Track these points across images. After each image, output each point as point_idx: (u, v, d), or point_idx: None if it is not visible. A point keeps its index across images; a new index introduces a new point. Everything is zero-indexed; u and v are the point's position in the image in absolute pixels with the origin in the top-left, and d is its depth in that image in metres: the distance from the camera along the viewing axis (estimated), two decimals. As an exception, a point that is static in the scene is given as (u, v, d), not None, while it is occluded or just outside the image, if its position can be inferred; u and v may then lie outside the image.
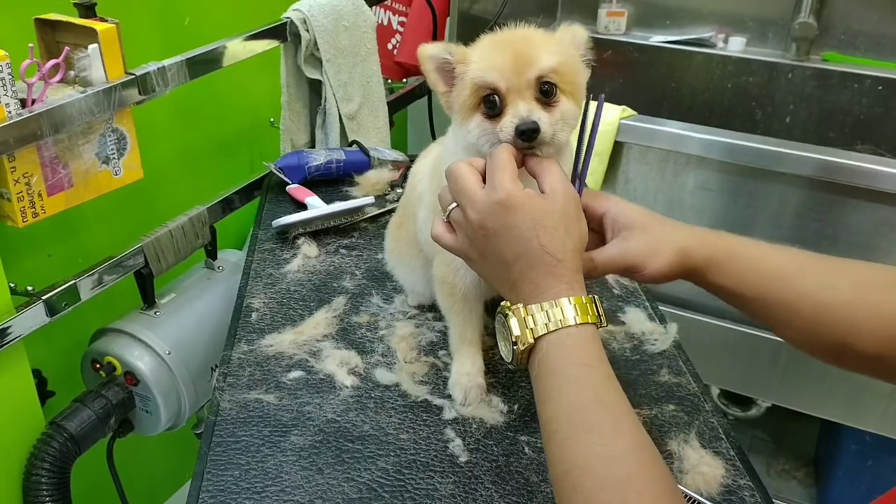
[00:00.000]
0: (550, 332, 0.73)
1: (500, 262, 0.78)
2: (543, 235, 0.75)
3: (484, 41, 0.86)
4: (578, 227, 0.79)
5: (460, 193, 0.80)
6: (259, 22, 1.53)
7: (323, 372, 1.03)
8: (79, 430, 1.24)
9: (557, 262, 0.75)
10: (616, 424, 0.69)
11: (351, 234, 1.38)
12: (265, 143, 1.87)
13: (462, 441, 0.92)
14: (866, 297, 0.80)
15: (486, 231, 0.77)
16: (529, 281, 0.76)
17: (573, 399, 0.70)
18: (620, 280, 1.26)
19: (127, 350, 1.32)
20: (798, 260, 0.84)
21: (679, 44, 2.41)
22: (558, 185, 0.79)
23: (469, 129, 0.85)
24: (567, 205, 0.78)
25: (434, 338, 1.11)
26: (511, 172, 0.78)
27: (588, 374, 0.71)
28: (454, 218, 0.82)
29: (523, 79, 0.81)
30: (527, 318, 0.74)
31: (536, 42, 0.84)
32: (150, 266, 1.33)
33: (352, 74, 1.68)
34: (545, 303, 0.74)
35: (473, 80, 0.83)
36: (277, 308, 1.17)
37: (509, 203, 0.76)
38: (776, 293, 0.83)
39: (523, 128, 0.80)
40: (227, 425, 0.94)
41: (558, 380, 0.72)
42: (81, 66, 1.17)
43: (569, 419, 0.69)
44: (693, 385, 1.03)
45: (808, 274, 0.83)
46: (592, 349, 0.73)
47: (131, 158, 1.26)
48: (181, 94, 1.37)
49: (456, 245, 0.83)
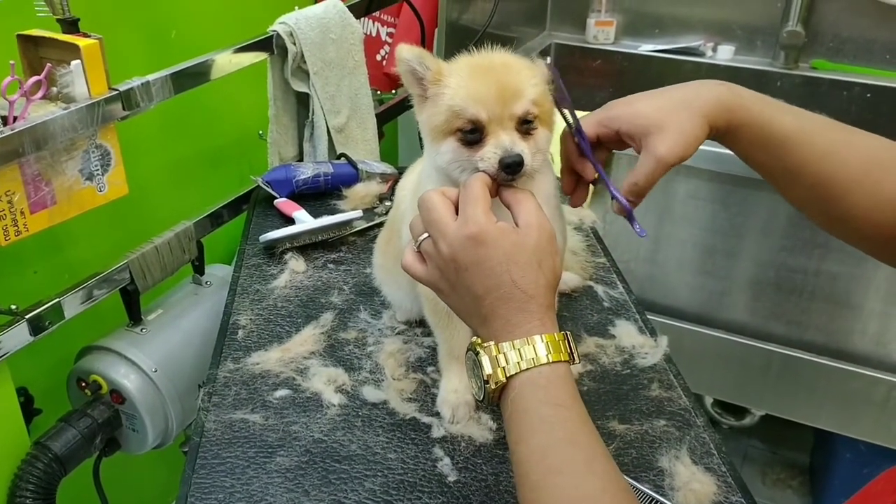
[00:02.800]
0: (522, 371, 0.72)
1: (471, 296, 0.76)
2: (515, 271, 0.74)
3: (462, 65, 0.84)
4: (552, 262, 0.77)
5: (432, 225, 0.78)
6: (247, 35, 1.52)
7: (310, 390, 1.02)
8: (64, 450, 1.23)
9: (529, 299, 0.74)
10: (589, 465, 0.68)
11: (339, 249, 1.37)
12: (254, 156, 1.86)
13: (451, 460, 0.91)
14: (871, 176, 0.80)
15: (457, 265, 0.76)
16: (500, 317, 0.74)
17: (546, 440, 0.69)
18: (610, 293, 1.25)
19: (112, 368, 1.30)
20: (808, 126, 0.84)
21: (668, 52, 2.41)
22: (533, 218, 0.77)
23: (441, 152, 0.84)
24: (541, 239, 0.76)
25: (422, 353, 1.10)
26: (484, 205, 0.77)
27: (561, 415, 0.70)
28: (425, 249, 0.80)
29: (507, 111, 0.80)
30: (498, 357, 0.73)
31: (518, 72, 0.83)
32: (135, 282, 1.32)
33: (339, 87, 1.67)
34: (517, 340, 0.72)
35: (452, 108, 0.81)
36: (264, 325, 1.16)
37: (481, 237, 0.74)
38: (779, 160, 0.84)
39: (508, 160, 0.79)
40: (212, 447, 0.92)
41: (531, 420, 0.70)
42: (64, 83, 1.16)
43: (541, 461, 0.68)
44: (684, 399, 1.02)
45: (817, 142, 0.83)
46: (565, 388, 0.72)
47: (116, 174, 1.24)
48: (169, 108, 1.36)
49: (426, 276, 0.81)
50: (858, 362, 1.80)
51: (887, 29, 2.15)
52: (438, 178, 0.88)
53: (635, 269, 1.96)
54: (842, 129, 0.84)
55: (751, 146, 0.86)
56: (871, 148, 0.83)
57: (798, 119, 0.84)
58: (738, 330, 1.91)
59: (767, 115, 0.84)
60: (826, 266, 1.76)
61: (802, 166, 0.83)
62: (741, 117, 0.84)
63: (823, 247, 1.75)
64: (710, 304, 1.94)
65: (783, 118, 0.84)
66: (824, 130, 0.84)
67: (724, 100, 0.84)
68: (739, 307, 1.91)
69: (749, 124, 0.84)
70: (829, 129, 0.84)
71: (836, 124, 0.84)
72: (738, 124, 0.84)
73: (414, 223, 0.82)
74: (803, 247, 1.77)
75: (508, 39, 2.43)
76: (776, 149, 0.84)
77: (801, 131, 0.83)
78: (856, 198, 0.81)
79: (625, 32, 2.50)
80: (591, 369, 1.07)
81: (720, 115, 0.84)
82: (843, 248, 1.74)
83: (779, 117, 0.84)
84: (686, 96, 0.85)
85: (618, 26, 2.49)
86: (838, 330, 1.81)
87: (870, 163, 0.81)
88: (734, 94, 0.85)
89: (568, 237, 1.32)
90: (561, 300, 1.20)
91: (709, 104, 0.84)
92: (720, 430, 2.36)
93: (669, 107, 0.85)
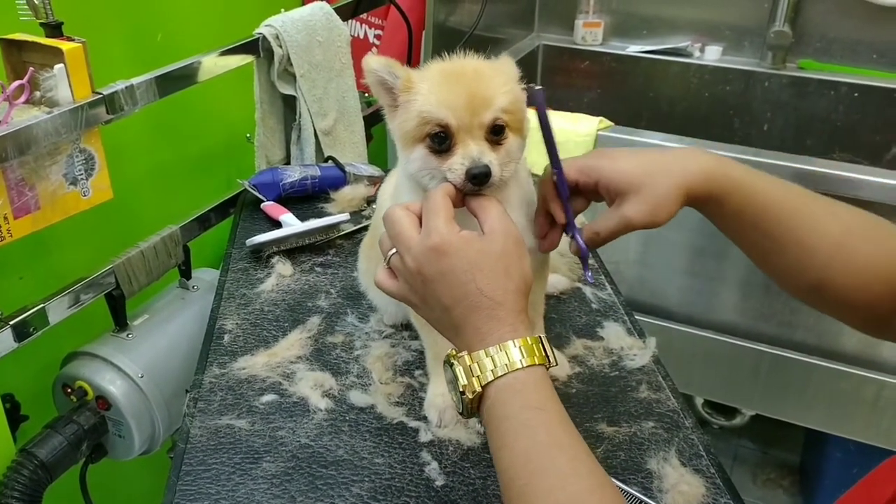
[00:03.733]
0: (498, 378, 0.71)
1: (441, 307, 0.76)
2: (481, 279, 0.74)
3: (433, 71, 0.84)
4: (520, 267, 0.77)
5: (397, 239, 0.79)
6: (233, 38, 1.51)
7: (296, 395, 1.01)
8: (50, 456, 1.21)
9: (497, 305, 0.74)
10: (574, 466, 0.68)
11: (326, 252, 1.36)
12: (241, 159, 1.85)
13: (438, 464, 0.91)
14: (847, 244, 0.81)
15: (423, 277, 0.76)
16: (471, 326, 0.74)
17: (528, 445, 0.69)
18: (599, 294, 1.25)
19: (98, 374, 1.29)
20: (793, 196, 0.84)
21: (656, 53, 2.42)
22: (498, 224, 0.77)
23: (411, 159, 0.84)
24: (507, 245, 0.76)
25: (410, 357, 1.09)
26: (446, 215, 0.76)
27: (542, 418, 0.70)
28: (394, 264, 0.80)
29: (476, 120, 0.80)
30: (472, 366, 0.72)
31: (489, 80, 0.82)
32: (121, 288, 1.31)
33: (326, 89, 1.66)
34: (490, 348, 0.72)
35: (422, 113, 0.81)
36: (251, 329, 1.15)
37: (443, 248, 0.74)
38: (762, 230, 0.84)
39: (475, 172, 0.79)
40: (197, 453, 0.91)
41: (512, 426, 0.70)
42: (47, 87, 1.15)
43: (525, 466, 0.68)
44: (672, 401, 1.02)
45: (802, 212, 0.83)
46: (543, 391, 0.72)
47: (100, 179, 1.23)
48: (155, 112, 1.35)
49: (398, 291, 0.82)
50: (848, 362, 1.80)
51: (874, 29, 2.16)
52: (411, 186, 0.88)
53: (624, 271, 1.96)
54: (825, 201, 0.85)
55: (734, 215, 0.85)
56: (851, 217, 0.84)
57: (783, 189, 0.84)
58: (727, 330, 1.91)
59: (751, 185, 0.84)
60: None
61: (786, 235, 0.83)
62: (724, 187, 0.83)
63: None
64: (699, 305, 1.94)
65: (768, 188, 0.84)
66: (809, 201, 0.84)
67: (707, 169, 0.84)
68: (729, 308, 1.91)
69: (732, 194, 0.84)
70: (812, 200, 0.84)
71: (818, 197, 0.85)
72: (721, 194, 0.84)
73: (382, 240, 0.83)
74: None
75: (496, 41, 2.43)
76: (760, 218, 0.83)
77: (786, 201, 0.84)
78: (833, 267, 0.81)
79: (613, 33, 2.51)
80: (580, 371, 1.07)
81: (701, 184, 0.83)
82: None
83: (763, 187, 0.84)
84: (670, 163, 0.85)
85: (605, 27, 2.49)
86: (828, 330, 1.82)
87: (847, 232, 0.82)
88: (720, 164, 0.85)
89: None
90: (549, 302, 1.20)
91: (691, 174, 0.83)
92: (711, 430, 2.36)
93: (651, 170, 0.84)
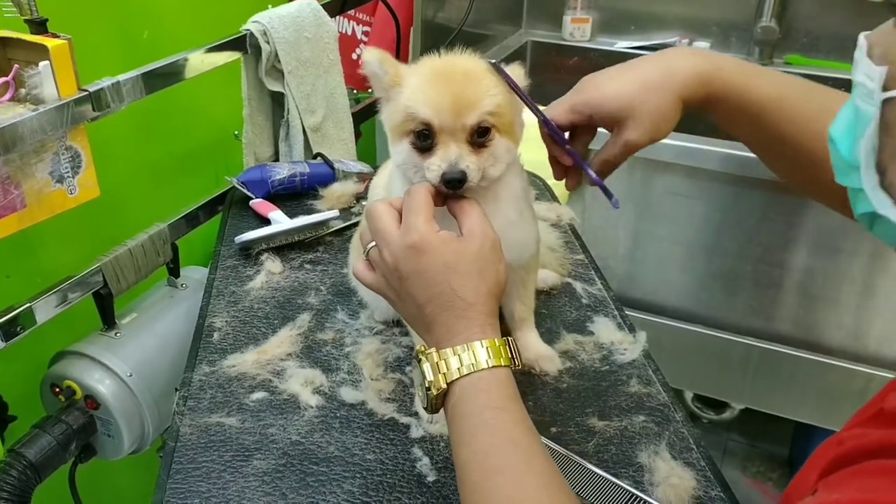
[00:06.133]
0: (463, 377, 0.72)
1: (414, 304, 0.77)
2: (455, 279, 0.75)
3: (424, 67, 0.84)
4: (495, 269, 0.77)
5: (377, 234, 0.80)
6: (221, 35, 1.50)
7: (287, 392, 1.01)
8: (38, 457, 1.20)
9: (469, 306, 0.75)
10: (528, 464, 0.69)
11: (316, 249, 1.36)
12: (229, 156, 1.84)
13: (430, 460, 0.90)
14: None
15: (399, 273, 0.77)
16: (441, 324, 0.75)
17: (486, 443, 0.70)
18: (589, 289, 1.25)
19: (86, 373, 1.28)
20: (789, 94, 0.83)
21: (644, 49, 2.42)
22: (477, 227, 0.78)
23: (397, 151, 0.85)
24: (483, 247, 0.77)
25: (401, 353, 1.09)
26: (426, 214, 0.77)
27: (501, 418, 0.71)
28: (373, 257, 0.81)
29: (459, 122, 0.80)
30: (439, 363, 0.73)
31: (478, 81, 0.82)
32: (109, 286, 1.30)
33: (315, 86, 1.66)
34: (458, 346, 0.73)
35: (407, 108, 0.81)
36: (240, 327, 1.14)
37: (421, 247, 0.75)
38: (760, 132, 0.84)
39: (449, 177, 0.79)
40: (188, 451, 0.91)
41: (472, 423, 0.71)
42: (32, 84, 1.13)
43: (482, 464, 0.69)
44: (663, 395, 1.02)
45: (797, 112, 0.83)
46: (505, 391, 0.73)
47: (87, 177, 1.22)
48: (142, 109, 1.34)
49: (375, 284, 0.83)
50: (835, 355, 1.81)
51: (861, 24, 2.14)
52: (398, 174, 0.89)
53: (614, 267, 1.97)
54: (821, 96, 0.83)
55: (731, 118, 0.86)
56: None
57: (778, 87, 0.83)
58: (717, 325, 1.92)
59: (745, 85, 0.83)
60: (802, 260, 1.77)
61: (783, 135, 0.83)
62: (718, 90, 0.83)
63: (799, 242, 1.76)
64: (688, 299, 1.94)
65: (763, 88, 0.83)
66: (806, 97, 0.83)
67: (700, 72, 0.83)
68: (718, 302, 1.92)
69: (728, 97, 0.83)
70: (806, 98, 0.83)
71: (813, 90, 0.83)
72: (716, 97, 0.84)
73: (363, 232, 0.84)
74: (780, 242, 1.78)
75: (484, 38, 2.43)
76: (756, 120, 0.83)
77: (781, 100, 0.83)
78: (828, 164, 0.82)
79: (601, 30, 2.51)
80: (570, 366, 1.07)
81: (696, 89, 0.83)
82: (819, 242, 1.75)
83: (758, 87, 0.83)
84: (658, 73, 0.84)
85: (594, 23, 2.49)
86: (815, 324, 1.83)
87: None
88: (712, 65, 0.84)
89: (546, 234, 1.32)
90: (539, 298, 1.20)
91: (683, 80, 0.83)
92: (700, 424, 2.37)
93: (640, 89, 0.84)
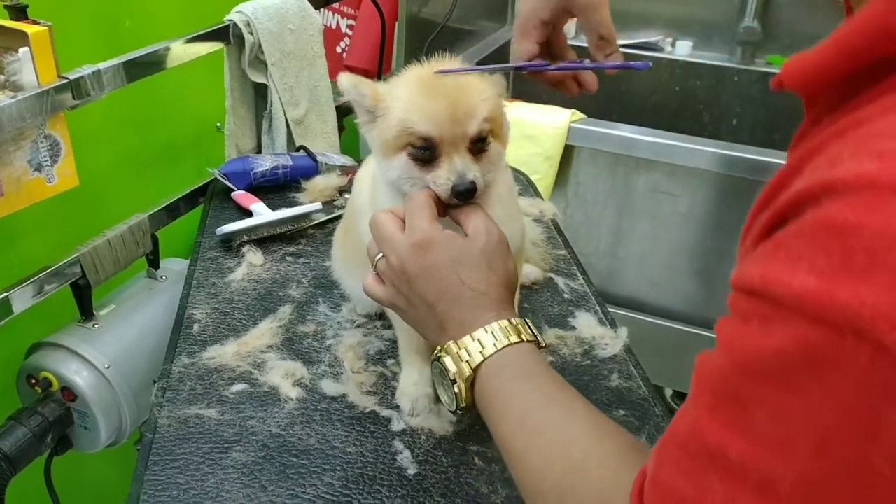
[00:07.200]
0: (487, 358, 0.71)
1: (425, 305, 0.76)
2: (463, 272, 0.74)
3: (411, 78, 0.82)
4: (504, 263, 0.77)
5: (382, 241, 0.79)
6: (205, 24, 1.49)
7: (267, 384, 1.00)
8: (13, 449, 1.19)
9: (480, 295, 0.74)
10: (569, 416, 0.67)
11: (298, 242, 1.35)
12: (211, 148, 1.82)
13: (410, 453, 0.90)
14: None
15: (407, 275, 0.76)
16: (454, 319, 0.74)
17: (521, 408, 0.68)
18: (571, 285, 1.25)
19: (63, 365, 1.26)
20: None
21: (627, 48, 2.43)
22: (481, 225, 0.78)
23: (392, 167, 0.82)
24: (489, 242, 0.77)
25: (382, 346, 1.08)
26: (429, 215, 0.77)
27: (532, 382, 0.70)
28: (380, 269, 0.81)
29: (460, 131, 0.79)
30: (460, 352, 0.73)
31: (470, 88, 0.81)
32: (87, 277, 1.28)
33: (298, 78, 1.65)
34: (476, 331, 0.72)
35: (403, 122, 0.79)
36: (220, 319, 1.13)
37: (426, 243, 0.75)
38: None
39: (461, 188, 0.78)
40: (166, 443, 0.90)
41: (504, 397, 0.70)
42: (12, 70, 1.12)
43: (521, 430, 0.67)
44: (643, 389, 1.02)
45: None
46: (534, 359, 0.72)
47: (65, 165, 1.21)
48: (123, 98, 1.32)
49: (385, 296, 0.82)
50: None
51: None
52: (391, 192, 0.87)
53: (595, 263, 1.97)
54: None
55: None
56: None
57: None
58: (697, 322, 1.93)
59: None
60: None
61: None
62: None
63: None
64: (669, 296, 1.96)
65: None
66: None
67: None
68: (699, 300, 1.93)
69: None
70: None
71: None
72: None
73: (369, 246, 0.83)
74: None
75: (468, 34, 2.43)
76: None
77: None
78: None
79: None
80: (552, 360, 1.07)
81: None
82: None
83: None
84: None
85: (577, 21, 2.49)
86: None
87: None
88: None
89: (529, 229, 1.32)
90: (522, 292, 1.20)
91: None
92: (679, 421, 2.38)
93: None
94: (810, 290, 0.42)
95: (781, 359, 0.43)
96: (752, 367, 0.45)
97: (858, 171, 0.42)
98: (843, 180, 0.42)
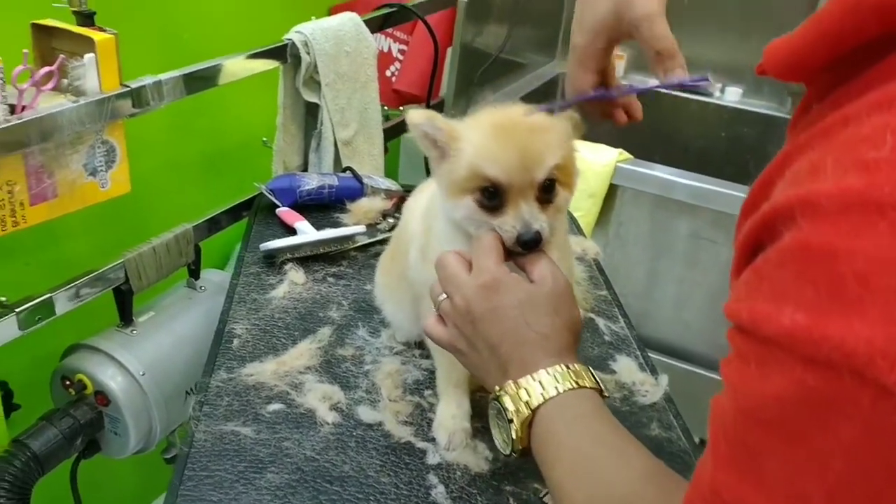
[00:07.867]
0: (549, 400, 0.70)
1: (488, 347, 0.75)
2: (529, 315, 0.73)
3: (484, 121, 0.81)
4: (569, 308, 0.76)
5: (447, 281, 0.78)
6: (259, 41, 1.50)
7: (304, 406, 1.00)
8: (43, 449, 1.19)
9: (545, 339, 0.73)
10: (621, 459, 0.66)
11: (340, 263, 1.35)
12: (256, 162, 1.84)
13: (445, 488, 0.89)
14: None
15: (472, 316, 0.75)
16: (517, 360, 0.73)
17: (574, 450, 0.67)
18: (612, 327, 1.23)
19: (99, 369, 1.27)
20: None
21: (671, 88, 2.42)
22: (547, 271, 0.77)
23: (458, 207, 0.81)
24: (556, 289, 0.76)
25: (420, 376, 1.07)
26: (497, 256, 0.76)
27: (587, 423, 0.69)
28: (444, 309, 0.79)
29: (528, 177, 0.77)
30: (519, 392, 0.71)
31: (541, 135, 0.79)
32: (130, 282, 1.29)
33: (350, 100, 1.66)
34: (537, 372, 0.71)
35: (473, 166, 0.78)
36: (260, 335, 1.13)
37: (494, 285, 0.74)
38: None
39: (527, 238, 0.77)
40: (201, 458, 0.89)
41: (559, 439, 0.68)
42: (76, 75, 1.14)
43: (573, 473, 0.66)
44: (683, 441, 1.00)
45: None
46: (594, 403, 0.71)
47: (119, 171, 1.22)
48: (174, 108, 1.34)
49: (446, 338, 0.80)
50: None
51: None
52: (452, 232, 0.86)
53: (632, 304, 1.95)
54: None
55: None
56: None
57: None
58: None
59: None
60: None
61: None
62: None
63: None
64: (704, 344, 1.92)
65: None
66: None
67: None
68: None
69: None
70: None
71: None
72: None
73: (433, 287, 0.82)
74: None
75: (518, 66, 2.43)
76: None
77: None
78: None
79: (634, 67, 2.51)
80: (591, 404, 1.05)
81: None
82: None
83: None
84: None
85: (628, 60, 2.50)
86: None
87: None
88: None
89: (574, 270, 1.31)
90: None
91: None
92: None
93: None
94: (800, 328, 0.39)
95: (782, 406, 0.41)
96: (756, 414, 0.44)
97: (842, 187, 0.39)
98: (826, 195, 0.39)
